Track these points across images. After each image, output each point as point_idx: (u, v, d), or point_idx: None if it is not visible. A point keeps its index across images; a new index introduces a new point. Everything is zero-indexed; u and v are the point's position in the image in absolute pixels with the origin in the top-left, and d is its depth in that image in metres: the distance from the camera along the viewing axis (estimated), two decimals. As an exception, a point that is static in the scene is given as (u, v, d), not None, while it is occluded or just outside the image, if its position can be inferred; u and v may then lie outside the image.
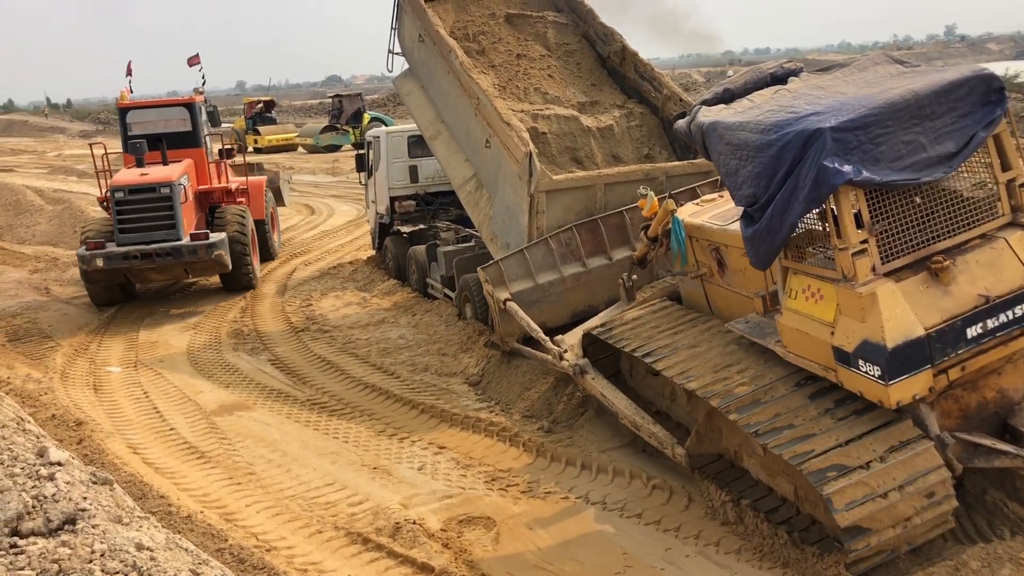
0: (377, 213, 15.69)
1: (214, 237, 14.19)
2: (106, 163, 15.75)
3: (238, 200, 16.49)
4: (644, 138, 11.15)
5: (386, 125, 25.06)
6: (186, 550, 4.06)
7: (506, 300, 9.20)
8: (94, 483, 4.67)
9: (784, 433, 5.66)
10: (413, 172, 14.91)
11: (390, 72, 13.70)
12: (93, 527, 3.92)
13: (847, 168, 5.12)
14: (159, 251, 13.82)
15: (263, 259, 17.25)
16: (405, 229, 15.40)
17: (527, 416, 8.73)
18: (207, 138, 16.49)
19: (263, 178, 18.40)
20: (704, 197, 8.38)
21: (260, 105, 47.92)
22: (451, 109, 11.67)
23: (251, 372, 11.08)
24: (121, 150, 16.08)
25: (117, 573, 3.50)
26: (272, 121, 47.17)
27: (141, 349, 12.42)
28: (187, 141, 15.74)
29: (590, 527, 6.66)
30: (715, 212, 7.64)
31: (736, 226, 6.48)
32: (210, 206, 16.11)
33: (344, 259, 17.24)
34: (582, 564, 6.15)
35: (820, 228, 5.71)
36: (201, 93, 16.67)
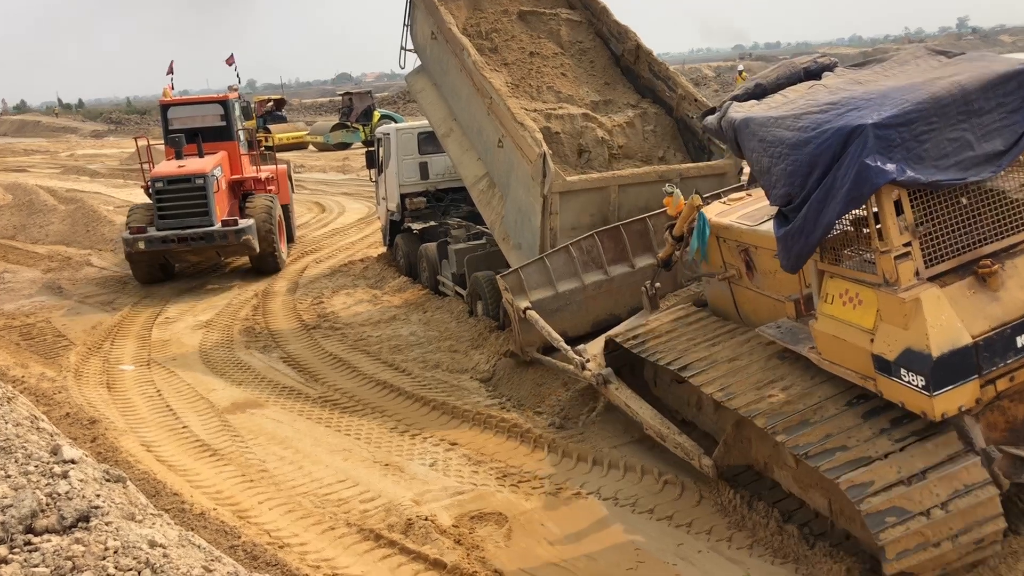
0: (388, 210, 15.70)
1: (243, 223, 15.53)
2: (149, 155, 17.37)
3: (268, 188, 17.78)
4: (658, 139, 11.09)
5: (396, 123, 25.08)
6: (199, 547, 4.07)
7: (526, 309, 8.92)
8: (107, 480, 4.69)
9: (837, 455, 5.29)
10: (424, 169, 14.90)
11: (402, 69, 13.71)
12: (106, 524, 3.93)
13: (890, 167, 4.85)
14: (193, 235, 15.35)
15: (288, 240, 18.43)
16: (416, 226, 15.40)
17: (538, 412, 8.72)
18: (240, 132, 17.85)
19: (285, 167, 19.52)
20: (731, 196, 8.08)
21: (271, 104, 48.07)
22: (463, 107, 11.66)
23: (263, 370, 11.11)
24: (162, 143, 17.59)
25: (130, 570, 3.52)
26: (283, 119, 47.30)
27: (154, 347, 12.47)
28: (222, 135, 17.27)
29: (602, 523, 6.65)
30: (744, 211, 7.34)
31: (767, 226, 6.26)
32: (243, 194, 17.31)
33: (355, 256, 17.27)
34: (595, 560, 6.15)
35: (858, 229, 5.43)
36: (235, 90, 18.35)
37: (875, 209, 5.16)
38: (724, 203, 7.84)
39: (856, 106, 5.18)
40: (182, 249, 15.63)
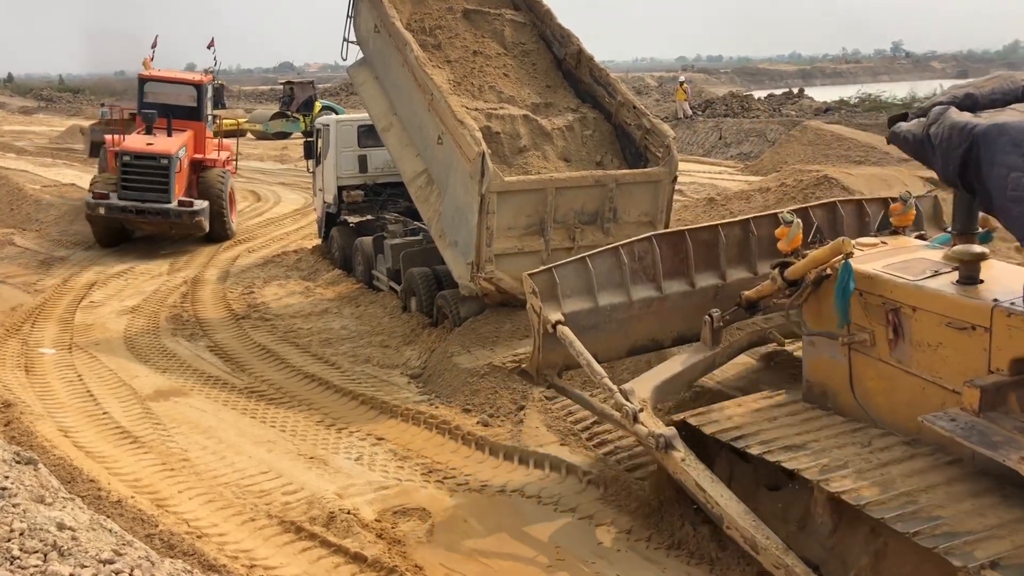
0: (324, 202, 15.56)
1: (198, 205, 16.90)
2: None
3: (225, 165, 19.20)
4: (596, 144, 11.19)
5: (337, 114, 24.84)
6: (110, 531, 4.00)
7: (557, 322, 6.86)
8: (17, 463, 4.58)
9: None
10: (363, 162, 14.79)
11: (344, 61, 13.60)
12: (13, 506, 3.85)
13: None
14: (151, 210, 16.62)
15: None
16: (352, 219, 15.29)
17: (467, 410, 8.74)
18: (208, 116, 19.25)
19: (233, 140, 21.14)
20: (862, 240, 6.42)
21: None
22: (405, 102, 11.63)
23: (189, 358, 10.92)
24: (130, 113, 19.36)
25: (36, 552, 3.45)
26: (221, 106, 46.38)
27: (77, 331, 12.16)
28: (192, 115, 18.46)
29: (524, 520, 6.71)
30: (892, 260, 5.91)
31: (933, 282, 5.21)
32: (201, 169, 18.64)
33: (289, 247, 17.06)
34: (515, 557, 6.21)
35: None
36: (211, 74, 19.66)
37: None
38: (859, 247, 6.22)
39: None
40: (138, 220, 16.84)
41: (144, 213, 16.59)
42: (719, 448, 6.01)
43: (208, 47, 20.65)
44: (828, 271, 5.89)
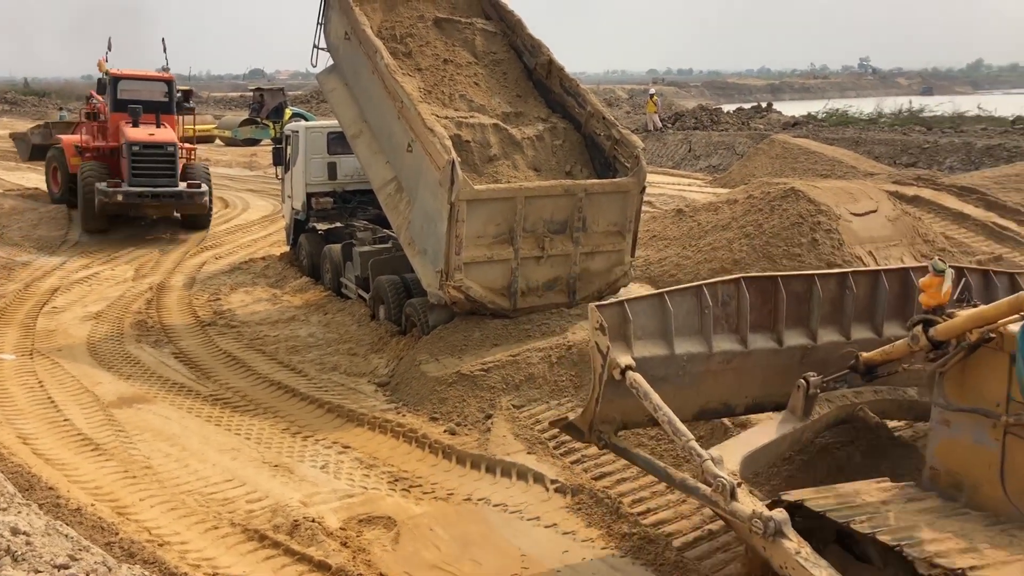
0: (293, 209, 15.45)
1: (203, 187, 18.71)
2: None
3: (201, 159, 21.11)
4: (566, 154, 11.24)
5: (307, 121, 24.73)
6: (67, 536, 3.94)
7: (627, 367, 5.68)
8: (-26, 469, 4.49)
9: None
10: (332, 169, 14.72)
11: (314, 67, 13.55)
12: (-31, 512, 3.77)
13: None
14: (165, 194, 18.28)
15: None
16: (321, 226, 15.21)
17: (434, 418, 8.72)
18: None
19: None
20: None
21: (178, 94, 46.71)
22: (374, 109, 11.60)
23: (153, 365, 10.79)
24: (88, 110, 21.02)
25: (-9, 557, 3.39)
26: (190, 111, 45.98)
27: (38, 337, 11.97)
28: (164, 109, 19.98)
29: (490, 529, 6.71)
30: None
31: None
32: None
33: (257, 254, 16.92)
34: (480, 565, 6.20)
35: None
36: (167, 71, 21.16)
37: None
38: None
39: None
40: (151, 204, 18.37)
41: (159, 196, 18.19)
42: (825, 540, 5.01)
43: (164, 49, 22.12)
44: (993, 334, 4.94)
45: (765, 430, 5.93)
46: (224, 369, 10.65)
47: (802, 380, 5.87)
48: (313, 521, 6.62)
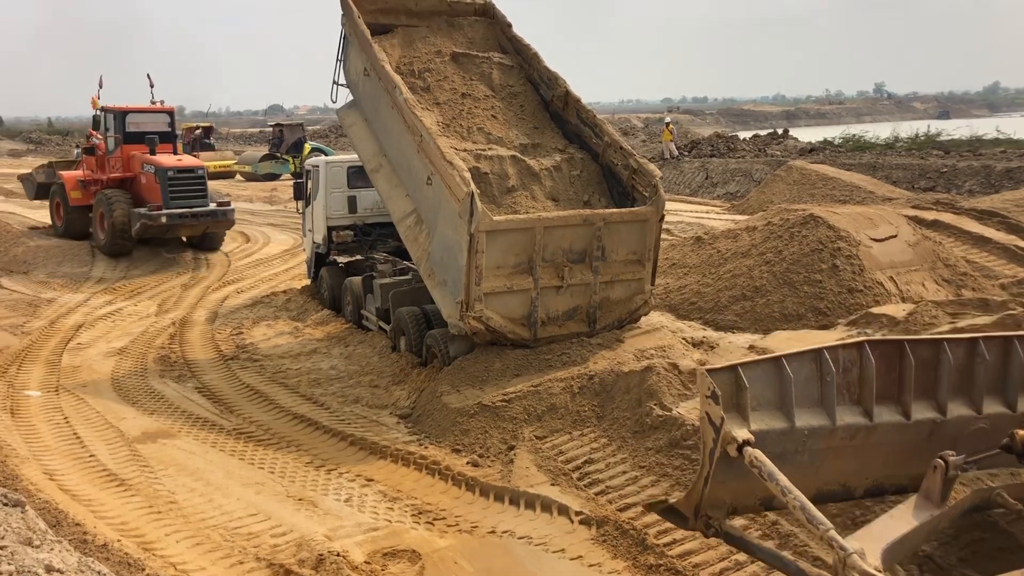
0: (313, 242, 15.61)
1: (232, 205, 20.75)
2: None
3: (223, 193, 22.47)
4: (584, 184, 11.31)
5: (327, 156, 25.00)
6: (98, 573, 3.97)
7: (744, 442, 4.92)
8: (5, 505, 4.54)
9: None
10: (352, 202, 14.89)
11: (334, 103, 13.73)
12: (1, 548, 3.81)
13: None
14: (201, 212, 19.98)
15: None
16: (342, 259, 15.33)
17: (456, 450, 8.71)
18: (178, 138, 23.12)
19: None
20: None
21: (199, 131, 47.35)
22: (394, 144, 11.73)
23: (177, 400, 10.86)
24: (92, 142, 22.14)
25: (26, 595, 3.41)
26: (211, 147, 46.58)
27: (64, 374, 12.09)
28: (167, 138, 21.49)
29: (515, 562, 6.67)
30: None
31: None
32: None
33: (278, 288, 17.05)
34: (506, 599, 6.16)
35: None
36: (162, 103, 22.32)
37: None
38: None
39: None
40: (189, 223, 19.98)
41: (196, 216, 19.84)
42: None
43: (151, 85, 23.21)
44: None
45: (902, 517, 5.13)
46: (247, 403, 10.70)
47: (940, 460, 5.09)
48: (338, 555, 6.61)
